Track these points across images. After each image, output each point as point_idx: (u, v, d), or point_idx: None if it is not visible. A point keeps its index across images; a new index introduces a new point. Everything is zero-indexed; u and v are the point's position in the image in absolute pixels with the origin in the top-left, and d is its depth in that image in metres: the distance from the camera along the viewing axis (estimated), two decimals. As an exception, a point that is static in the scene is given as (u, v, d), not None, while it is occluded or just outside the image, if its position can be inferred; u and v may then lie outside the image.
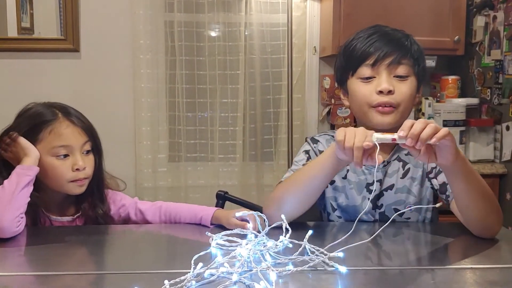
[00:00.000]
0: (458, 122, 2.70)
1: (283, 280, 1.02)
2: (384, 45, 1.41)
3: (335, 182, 1.50)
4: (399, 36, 1.45)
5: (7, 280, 1.06)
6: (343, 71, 1.49)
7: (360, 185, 1.48)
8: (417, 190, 1.47)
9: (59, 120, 1.45)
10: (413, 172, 1.48)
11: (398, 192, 1.47)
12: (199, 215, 1.46)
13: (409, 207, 1.46)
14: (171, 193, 2.96)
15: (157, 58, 2.91)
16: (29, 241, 1.34)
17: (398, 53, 1.41)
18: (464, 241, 1.32)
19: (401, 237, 1.37)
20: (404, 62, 1.41)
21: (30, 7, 2.87)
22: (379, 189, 1.47)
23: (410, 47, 1.44)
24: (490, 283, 1.02)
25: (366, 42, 1.43)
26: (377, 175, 1.47)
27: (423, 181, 1.48)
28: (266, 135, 3.03)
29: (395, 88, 1.39)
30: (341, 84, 1.52)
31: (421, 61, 1.46)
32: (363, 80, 1.43)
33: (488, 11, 2.73)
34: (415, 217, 1.49)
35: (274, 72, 2.98)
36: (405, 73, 1.42)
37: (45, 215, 1.48)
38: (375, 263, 1.18)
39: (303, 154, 1.53)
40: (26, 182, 1.36)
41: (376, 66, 1.41)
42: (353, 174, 1.49)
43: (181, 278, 0.99)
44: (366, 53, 1.42)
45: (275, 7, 2.93)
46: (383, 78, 1.40)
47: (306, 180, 1.34)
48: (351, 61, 1.45)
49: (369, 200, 1.44)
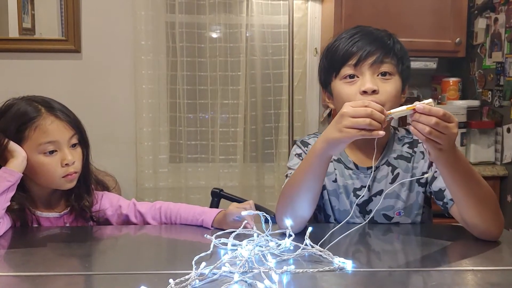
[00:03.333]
0: (459, 124, 2.68)
1: (285, 280, 1.03)
2: (366, 44, 1.38)
3: (327, 187, 1.47)
4: (382, 35, 1.43)
5: (8, 280, 1.07)
6: (326, 73, 1.46)
7: (348, 190, 1.47)
8: (406, 195, 1.46)
9: (43, 116, 1.42)
10: (402, 177, 1.45)
11: (387, 198, 1.44)
12: (200, 218, 1.46)
13: (398, 213, 1.45)
14: (171, 193, 2.96)
15: (158, 59, 2.91)
16: (24, 242, 1.34)
17: (381, 52, 1.38)
18: (465, 243, 1.32)
19: (401, 239, 1.37)
20: (387, 61, 1.39)
21: (31, 7, 2.88)
22: (367, 195, 1.45)
23: (393, 45, 1.41)
24: (492, 285, 1.02)
25: (348, 42, 1.40)
26: (365, 180, 1.44)
27: (412, 186, 1.46)
28: (267, 137, 3.03)
29: (379, 87, 1.35)
30: (325, 87, 1.49)
31: (405, 60, 1.43)
32: (347, 80, 1.40)
33: (490, 13, 2.73)
34: (405, 221, 1.47)
35: (275, 73, 2.98)
36: (388, 70, 1.38)
37: (31, 213, 1.46)
38: (373, 264, 1.18)
39: (296, 158, 1.51)
40: (5, 187, 1.35)
41: (359, 66, 1.38)
42: (340, 178, 1.47)
43: (186, 277, 0.99)
44: (349, 53, 1.39)
45: (276, 8, 2.93)
46: (366, 78, 1.37)
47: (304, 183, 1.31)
48: (334, 62, 1.42)
49: (355, 204, 1.42)
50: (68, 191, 1.50)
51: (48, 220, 1.49)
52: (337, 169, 1.48)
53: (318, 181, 1.30)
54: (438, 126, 1.09)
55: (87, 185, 1.53)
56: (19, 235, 1.39)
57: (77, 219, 1.53)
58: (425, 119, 1.10)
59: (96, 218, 1.53)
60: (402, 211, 1.46)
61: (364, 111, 1.13)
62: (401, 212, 1.46)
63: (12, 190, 1.37)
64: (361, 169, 1.47)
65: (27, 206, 1.44)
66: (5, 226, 1.36)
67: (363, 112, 1.13)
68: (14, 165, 1.37)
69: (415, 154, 1.48)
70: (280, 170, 3.00)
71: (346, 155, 1.49)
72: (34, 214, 1.46)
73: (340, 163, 1.49)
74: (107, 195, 1.58)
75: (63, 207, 1.52)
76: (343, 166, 1.48)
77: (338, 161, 1.49)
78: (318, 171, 1.28)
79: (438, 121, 1.09)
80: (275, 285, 0.97)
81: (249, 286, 0.99)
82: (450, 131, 1.11)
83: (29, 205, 1.45)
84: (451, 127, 1.11)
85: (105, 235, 1.46)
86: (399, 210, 1.46)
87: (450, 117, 1.11)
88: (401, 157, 1.48)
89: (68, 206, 1.52)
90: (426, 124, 1.09)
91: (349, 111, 1.15)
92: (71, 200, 1.51)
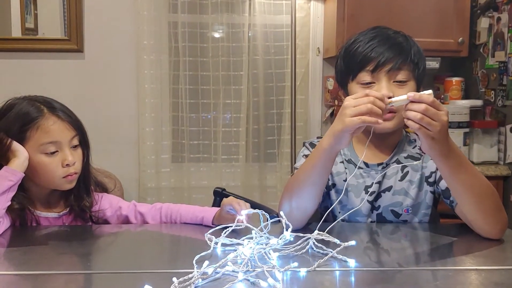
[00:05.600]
0: (462, 124, 2.69)
1: (289, 278, 1.03)
2: (384, 51, 1.40)
3: (336, 185, 1.50)
4: (400, 40, 1.45)
5: (9, 278, 1.07)
6: (344, 75, 1.49)
7: (359, 188, 1.48)
8: (415, 193, 1.48)
9: (45, 116, 1.42)
10: (411, 175, 1.48)
11: (395, 194, 1.47)
12: (200, 215, 1.46)
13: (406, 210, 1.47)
14: (174, 193, 2.97)
15: (160, 59, 2.91)
16: (24, 241, 1.34)
17: (398, 59, 1.40)
18: (469, 242, 1.32)
19: (404, 238, 1.37)
20: (404, 68, 1.41)
21: (34, 7, 2.88)
22: (377, 190, 1.47)
23: (410, 50, 1.43)
24: (496, 284, 1.02)
25: (366, 47, 1.42)
26: (376, 177, 1.47)
27: (421, 184, 1.49)
28: (269, 136, 3.03)
29: (395, 93, 1.38)
30: (342, 86, 1.53)
31: (421, 64, 1.45)
32: (363, 85, 1.42)
33: (492, 13, 2.73)
34: (412, 220, 1.49)
35: (277, 73, 2.98)
36: (404, 78, 1.42)
37: (31, 213, 1.45)
38: (378, 263, 1.17)
39: (303, 158, 1.53)
40: (7, 187, 1.35)
41: (376, 72, 1.41)
42: (352, 178, 1.49)
43: (189, 276, 0.99)
44: (366, 58, 1.41)
45: (278, 8, 2.93)
46: (382, 85, 1.40)
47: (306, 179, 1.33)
48: (351, 66, 1.45)
49: (365, 200, 1.44)
50: (67, 191, 1.50)
51: (47, 220, 1.49)
52: (347, 169, 1.50)
53: (323, 175, 1.33)
54: (428, 112, 1.13)
55: (87, 186, 1.53)
56: (19, 234, 1.39)
57: (76, 220, 1.52)
58: (416, 106, 1.14)
59: (95, 218, 1.53)
60: (410, 208, 1.47)
61: (366, 99, 1.18)
62: (409, 209, 1.48)
63: (13, 189, 1.37)
64: (372, 166, 1.49)
65: (27, 206, 1.44)
66: (4, 225, 1.36)
67: (365, 99, 1.18)
68: (16, 164, 1.37)
69: (425, 154, 1.50)
70: (283, 170, 3.00)
71: (356, 155, 1.52)
72: (34, 213, 1.46)
73: (351, 163, 1.51)
74: (106, 196, 1.58)
75: (62, 207, 1.52)
76: (353, 166, 1.50)
77: (349, 161, 1.52)
78: (324, 166, 1.31)
79: (428, 107, 1.14)
80: (279, 284, 0.97)
81: (252, 284, 0.99)
82: (440, 118, 1.14)
83: (29, 204, 1.45)
84: (441, 114, 1.15)
85: (106, 233, 1.46)
86: (408, 207, 1.47)
87: (439, 105, 1.16)
88: (411, 157, 1.51)
89: (67, 206, 1.52)
90: (417, 111, 1.14)
91: (351, 102, 1.20)
92: (70, 200, 1.51)
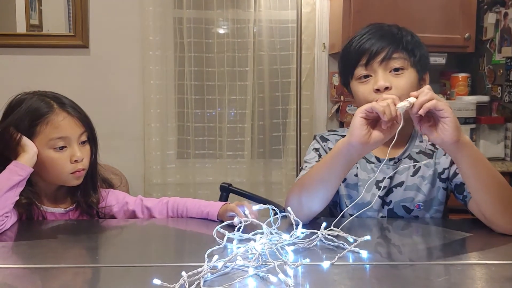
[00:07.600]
0: (468, 120, 2.68)
1: (299, 273, 1.02)
2: (376, 41, 1.40)
3: (346, 180, 1.49)
4: (392, 30, 1.44)
5: (18, 271, 1.07)
6: (344, 75, 1.50)
7: (370, 183, 1.47)
8: (427, 189, 1.47)
9: (55, 111, 1.43)
10: (423, 171, 1.47)
11: (407, 190, 1.46)
12: (205, 210, 1.46)
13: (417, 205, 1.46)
14: (179, 189, 2.97)
15: (166, 55, 2.91)
16: (32, 235, 1.34)
17: (389, 47, 1.40)
18: (479, 236, 1.31)
19: (414, 232, 1.37)
20: (397, 56, 1.40)
21: (39, 4, 2.88)
22: (388, 185, 1.47)
23: (401, 38, 1.42)
24: (506, 279, 1.01)
25: (358, 43, 1.43)
26: (387, 171, 1.47)
27: (434, 181, 1.47)
28: (274, 132, 3.02)
29: (392, 83, 1.37)
30: (346, 87, 1.53)
31: (416, 51, 1.43)
32: (361, 80, 1.43)
33: (499, 8, 2.71)
34: (424, 216, 1.48)
35: (282, 69, 2.97)
36: (400, 66, 1.40)
37: (37, 208, 1.46)
38: (387, 257, 1.17)
39: (313, 152, 1.53)
40: (16, 182, 1.35)
41: (370, 65, 1.41)
42: (363, 172, 1.49)
43: (198, 270, 0.99)
44: (359, 53, 1.42)
45: (284, 3, 2.92)
46: (379, 76, 1.39)
47: (320, 179, 1.33)
48: (348, 64, 1.46)
49: (376, 196, 1.44)
50: (74, 187, 1.50)
51: (53, 215, 1.49)
52: (359, 163, 1.49)
53: (336, 177, 1.33)
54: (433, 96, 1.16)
55: (94, 183, 1.54)
56: (26, 228, 1.39)
57: (82, 215, 1.53)
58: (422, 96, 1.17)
59: (102, 214, 1.53)
60: (422, 204, 1.46)
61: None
62: (421, 205, 1.47)
63: (22, 184, 1.37)
64: (383, 161, 1.48)
65: (34, 200, 1.44)
66: (12, 219, 1.37)
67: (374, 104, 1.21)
68: (25, 159, 1.38)
69: (437, 151, 1.49)
70: (288, 166, 2.99)
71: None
72: (40, 209, 1.46)
73: (363, 158, 1.50)
74: (113, 192, 1.59)
75: (69, 203, 1.53)
76: (365, 160, 1.50)
77: None
78: (340, 172, 1.32)
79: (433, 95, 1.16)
80: (290, 279, 0.96)
81: (262, 279, 0.98)
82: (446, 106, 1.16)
83: (36, 199, 1.45)
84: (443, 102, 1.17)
85: (113, 227, 1.46)
86: (419, 202, 1.46)
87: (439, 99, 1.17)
88: (423, 153, 1.50)
89: (74, 202, 1.52)
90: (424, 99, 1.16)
91: (360, 108, 1.23)
92: (77, 196, 1.51)
